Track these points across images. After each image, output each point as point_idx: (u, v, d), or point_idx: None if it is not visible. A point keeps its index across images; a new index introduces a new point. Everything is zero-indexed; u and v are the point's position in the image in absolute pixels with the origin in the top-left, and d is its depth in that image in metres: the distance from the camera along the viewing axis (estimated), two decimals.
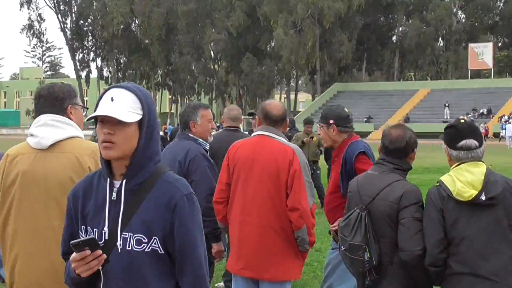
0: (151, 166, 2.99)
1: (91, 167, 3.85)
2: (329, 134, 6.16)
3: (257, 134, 5.69)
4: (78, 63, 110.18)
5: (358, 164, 5.90)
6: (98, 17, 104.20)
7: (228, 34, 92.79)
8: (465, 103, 77.77)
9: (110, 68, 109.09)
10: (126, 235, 2.93)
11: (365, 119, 79.11)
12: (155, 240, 2.92)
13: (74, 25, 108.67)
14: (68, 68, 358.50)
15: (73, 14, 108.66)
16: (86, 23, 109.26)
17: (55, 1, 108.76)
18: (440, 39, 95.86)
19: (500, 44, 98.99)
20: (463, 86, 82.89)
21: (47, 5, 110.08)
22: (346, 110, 6.26)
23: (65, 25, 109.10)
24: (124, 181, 2.97)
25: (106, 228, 2.96)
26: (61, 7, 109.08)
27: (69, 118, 4.05)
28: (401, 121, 55.45)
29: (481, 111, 74.23)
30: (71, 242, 2.87)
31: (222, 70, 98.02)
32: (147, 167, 2.97)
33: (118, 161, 2.98)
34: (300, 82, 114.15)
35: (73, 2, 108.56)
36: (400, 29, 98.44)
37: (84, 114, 4.27)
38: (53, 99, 4.02)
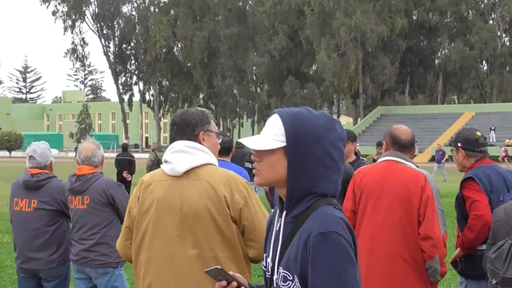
0: (308, 199, 2.71)
1: (227, 196, 3.77)
2: (457, 158, 5.98)
3: (386, 159, 5.49)
4: (121, 87, 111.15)
5: (464, 191, 5.71)
6: (141, 40, 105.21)
7: (271, 57, 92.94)
8: (510, 126, 76.94)
9: (153, 91, 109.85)
10: (280, 269, 2.73)
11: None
12: (296, 280, 2.65)
13: (117, 48, 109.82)
14: (109, 91, 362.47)
15: (116, 38, 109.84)
16: (129, 47, 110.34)
17: (98, 26, 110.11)
18: (484, 62, 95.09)
19: None
20: (508, 110, 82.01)
21: (91, 29, 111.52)
22: (477, 133, 6.05)
23: (108, 49, 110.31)
24: (284, 212, 2.78)
25: (269, 259, 2.81)
26: (104, 31, 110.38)
27: (202, 144, 3.98)
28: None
29: None
30: (205, 270, 2.80)
31: (264, 93, 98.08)
32: (302, 200, 2.72)
33: (280, 190, 2.78)
34: (340, 105, 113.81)
35: (116, 26, 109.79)
36: (444, 52, 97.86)
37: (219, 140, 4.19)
38: (185, 126, 3.99)
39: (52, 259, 6.60)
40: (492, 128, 74.84)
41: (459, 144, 5.97)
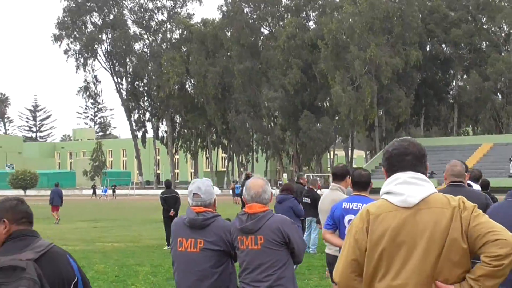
0: None
1: (457, 219, 3.74)
2: None
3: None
4: (134, 123, 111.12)
5: None
6: (154, 77, 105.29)
7: (285, 92, 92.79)
8: None
9: (166, 127, 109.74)
10: None
11: (428, 174, 77.64)
12: None
13: (129, 86, 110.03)
14: (119, 128, 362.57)
15: (128, 75, 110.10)
16: (142, 84, 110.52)
17: (111, 63, 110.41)
18: (498, 93, 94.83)
19: None
20: None
21: (103, 67, 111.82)
22: None
23: (120, 86, 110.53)
24: None
25: None
26: (117, 69, 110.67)
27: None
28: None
29: None
30: None
31: (278, 128, 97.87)
32: None
33: None
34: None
35: (128, 63, 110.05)
36: (458, 83, 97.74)
37: None
38: (421, 156, 4.06)
39: None
40: (511, 158, 74.37)
41: None
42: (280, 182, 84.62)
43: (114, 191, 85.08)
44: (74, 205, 58.36)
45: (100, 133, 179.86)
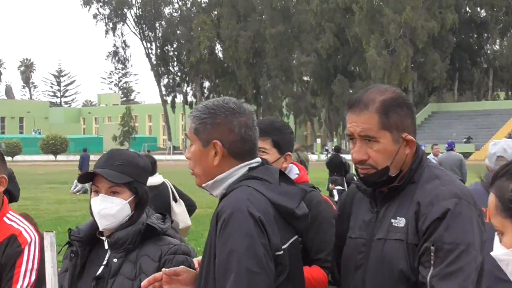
0: None
1: None
2: None
3: None
4: (163, 88, 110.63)
5: None
6: (183, 42, 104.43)
7: (317, 56, 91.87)
8: None
9: (196, 92, 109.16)
10: None
11: (465, 139, 77.22)
12: None
13: (159, 50, 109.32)
14: (143, 94, 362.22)
15: (158, 40, 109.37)
16: (172, 49, 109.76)
17: (140, 28, 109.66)
18: None
19: None
20: None
21: (132, 31, 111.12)
22: None
23: (150, 51, 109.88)
24: None
25: None
26: (146, 33, 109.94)
27: None
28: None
29: None
30: None
31: (309, 93, 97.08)
32: None
33: None
34: None
35: (158, 27, 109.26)
36: (494, 47, 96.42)
37: None
38: None
39: None
40: None
41: None
42: (326, 148, 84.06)
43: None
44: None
45: (124, 99, 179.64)
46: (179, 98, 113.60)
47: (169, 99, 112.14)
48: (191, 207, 8.20)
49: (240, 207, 2.63)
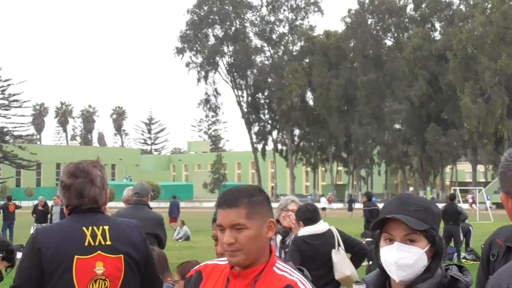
0: None
1: None
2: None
3: None
4: (254, 136, 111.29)
5: None
6: (274, 89, 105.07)
7: (410, 104, 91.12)
8: None
9: (286, 140, 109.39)
10: None
11: None
12: None
13: (250, 98, 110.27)
14: (232, 141, 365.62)
15: (249, 88, 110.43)
16: (263, 96, 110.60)
17: (231, 76, 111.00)
18: None
19: None
20: None
21: (223, 79, 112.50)
22: None
23: (241, 99, 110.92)
24: None
25: None
26: (237, 81, 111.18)
27: None
28: None
29: None
30: None
31: (401, 141, 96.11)
32: None
33: None
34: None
35: (249, 75, 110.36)
36: None
37: None
38: None
39: None
40: None
41: None
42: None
43: None
44: (193, 216, 57.71)
45: (212, 146, 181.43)
46: (270, 146, 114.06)
47: (259, 146, 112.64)
48: (363, 251, 7.88)
49: None
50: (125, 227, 4.05)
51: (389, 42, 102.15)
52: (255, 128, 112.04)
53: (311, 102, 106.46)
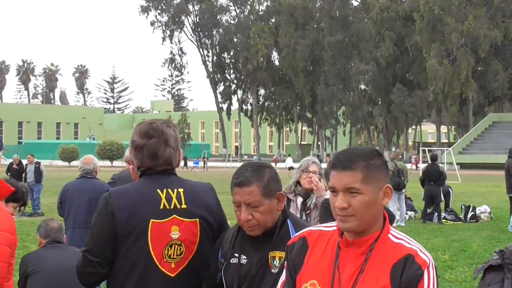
0: None
1: None
2: None
3: None
4: (219, 96, 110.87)
5: None
6: (240, 49, 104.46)
7: (376, 65, 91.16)
8: None
9: (252, 100, 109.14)
10: None
11: None
12: None
13: (215, 58, 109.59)
14: (196, 101, 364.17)
15: (215, 47, 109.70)
16: (228, 56, 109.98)
17: (197, 35, 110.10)
18: None
19: None
20: None
21: (189, 39, 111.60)
22: None
23: (206, 58, 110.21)
24: None
25: None
26: (203, 41, 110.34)
27: None
28: None
29: None
30: None
31: (367, 101, 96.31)
32: None
33: None
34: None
35: (215, 35, 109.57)
36: None
37: None
38: None
39: None
40: None
41: None
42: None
43: (205, 163, 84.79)
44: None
45: (176, 105, 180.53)
46: (235, 105, 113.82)
47: (224, 106, 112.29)
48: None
49: None
50: (200, 189, 3.84)
51: (355, 3, 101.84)
52: (220, 88, 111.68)
53: (277, 62, 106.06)
